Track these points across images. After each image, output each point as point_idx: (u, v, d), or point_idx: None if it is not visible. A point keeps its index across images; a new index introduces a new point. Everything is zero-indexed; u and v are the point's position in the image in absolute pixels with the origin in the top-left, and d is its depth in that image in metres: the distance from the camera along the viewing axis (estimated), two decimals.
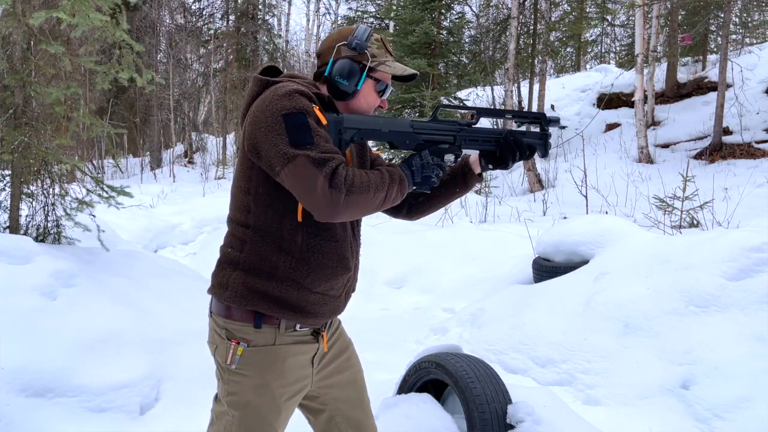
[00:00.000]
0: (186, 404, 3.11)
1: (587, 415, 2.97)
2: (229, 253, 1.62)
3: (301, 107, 1.47)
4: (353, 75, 1.62)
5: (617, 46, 27.15)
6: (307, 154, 1.42)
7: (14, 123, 4.01)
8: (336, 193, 1.42)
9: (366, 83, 1.66)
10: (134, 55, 4.23)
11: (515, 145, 1.72)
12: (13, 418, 2.68)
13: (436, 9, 14.57)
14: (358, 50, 1.62)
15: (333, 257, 1.60)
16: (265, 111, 1.48)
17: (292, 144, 1.43)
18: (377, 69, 1.65)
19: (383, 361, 3.79)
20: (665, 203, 6.52)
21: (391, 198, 1.56)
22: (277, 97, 1.48)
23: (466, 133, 1.73)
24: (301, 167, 1.42)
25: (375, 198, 1.50)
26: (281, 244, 1.56)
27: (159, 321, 3.53)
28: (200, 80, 21.20)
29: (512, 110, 1.83)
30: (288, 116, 1.45)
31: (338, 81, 1.62)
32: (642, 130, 12.07)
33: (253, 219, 1.57)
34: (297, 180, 1.43)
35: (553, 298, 4.10)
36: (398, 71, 1.66)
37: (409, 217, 1.89)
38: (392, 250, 6.23)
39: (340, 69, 1.62)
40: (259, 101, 1.53)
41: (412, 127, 1.68)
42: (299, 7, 55.26)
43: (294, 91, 1.49)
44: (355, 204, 1.46)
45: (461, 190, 1.83)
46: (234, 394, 1.60)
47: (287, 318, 1.58)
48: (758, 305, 3.24)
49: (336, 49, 1.64)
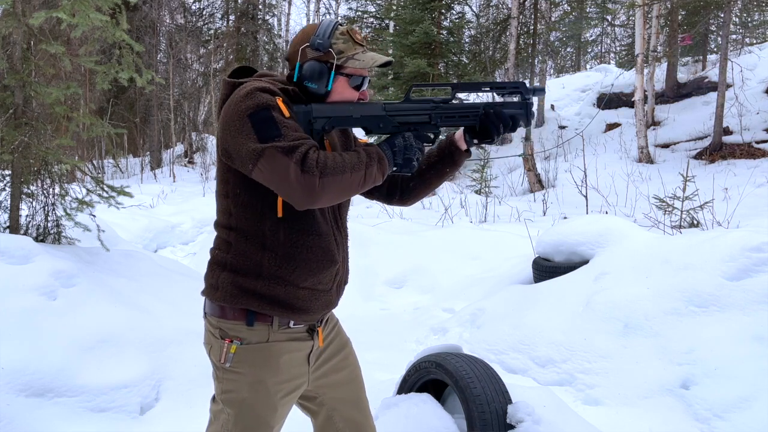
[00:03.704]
0: (186, 404, 3.11)
1: (587, 415, 2.97)
2: (217, 254, 1.63)
3: (263, 103, 1.46)
4: (321, 76, 1.58)
5: (617, 46, 27.16)
6: (275, 145, 1.41)
7: (14, 123, 4.01)
8: (309, 177, 1.40)
9: (337, 81, 1.61)
10: (134, 55, 4.23)
11: (496, 118, 1.66)
12: (13, 418, 2.68)
13: (436, 9, 14.58)
14: (322, 49, 1.58)
15: (317, 251, 1.60)
16: (232, 115, 1.48)
17: (260, 140, 1.43)
18: (346, 65, 1.60)
19: (383, 361, 3.79)
20: (665, 203, 6.51)
21: (372, 177, 1.53)
22: (240, 99, 1.48)
23: (441, 111, 1.67)
24: (272, 159, 1.41)
25: (352, 178, 1.47)
26: (264, 243, 1.56)
27: (159, 321, 3.53)
28: (200, 80, 21.21)
29: (489, 82, 1.75)
30: (252, 114, 1.45)
31: (307, 85, 1.60)
32: (642, 130, 12.07)
33: (235, 221, 1.58)
34: (270, 172, 1.43)
35: (553, 298, 4.10)
36: (368, 63, 1.61)
37: (402, 202, 1.87)
38: (392, 250, 6.23)
39: (307, 72, 1.59)
40: (226, 105, 1.53)
41: (384, 109, 1.65)
42: (299, 7, 55.31)
43: (254, 89, 1.49)
44: (331, 186, 1.43)
45: (451, 169, 1.79)
46: (229, 392, 1.60)
47: (279, 315, 1.58)
48: (758, 305, 3.23)
49: (301, 52, 1.60)
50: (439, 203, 9.59)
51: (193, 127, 20.96)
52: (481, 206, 9.53)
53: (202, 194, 11.95)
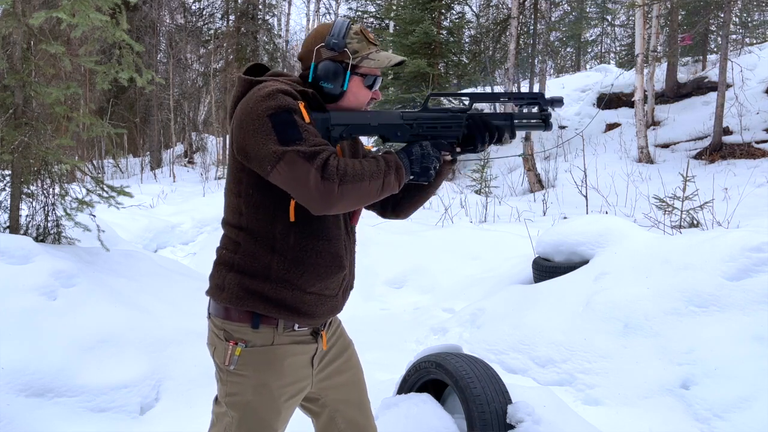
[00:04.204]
0: (186, 404, 3.11)
1: (587, 415, 2.97)
2: (224, 254, 1.62)
3: (286, 105, 1.45)
4: (337, 76, 1.58)
5: (617, 46, 27.16)
6: (296, 149, 1.41)
7: (14, 123, 4.01)
8: (329, 184, 1.40)
9: (352, 81, 1.61)
10: (134, 55, 4.23)
11: (483, 127, 1.63)
12: (13, 418, 2.68)
13: (436, 9, 14.58)
14: (337, 49, 1.57)
15: (326, 256, 1.59)
16: (251, 113, 1.46)
17: (281, 142, 1.42)
18: (361, 65, 1.60)
19: (383, 361, 3.79)
20: (665, 203, 6.51)
21: (390, 186, 1.52)
22: (261, 98, 1.46)
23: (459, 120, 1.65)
24: (292, 162, 1.41)
25: (371, 186, 1.47)
26: (274, 245, 1.55)
27: (159, 321, 3.53)
28: (200, 80, 21.21)
29: (508, 92, 1.76)
30: (273, 116, 1.44)
31: (323, 85, 1.59)
32: (642, 130, 12.07)
33: (246, 221, 1.56)
34: (289, 176, 1.42)
35: (553, 298, 4.10)
36: (383, 63, 1.61)
37: (395, 215, 1.84)
38: (392, 250, 6.23)
39: (322, 72, 1.58)
40: (243, 103, 1.51)
41: (402, 118, 1.65)
42: (299, 7, 55.35)
43: (277, 90, 1.47)
44: (349, 193, 1.43)
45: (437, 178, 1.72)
46: (233, 395, 1.59)
47: (284, 318, 1.58)
48: (758, 305, 3.23)
49: (315, 52, 1.60)
50: (439, 203, 9.59)
51: (193, 127, 20.97)
52: (481, 206, 9.53)
53: (202, 194, 11.95)
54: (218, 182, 14.79)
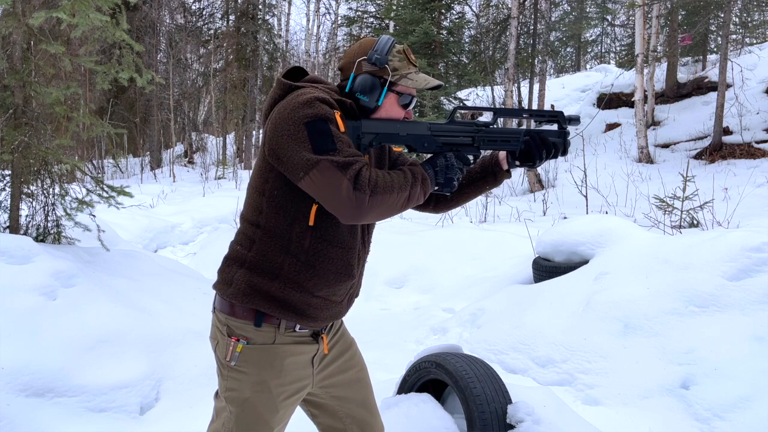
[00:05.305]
0: (186, 404, 3.11)
1: (587, 415, 2.98)
2: (237, 250, 1.64)
3: (323, 114, 1.48)
4: (374, 90, 1.62)
5: (617, 46, 27.16)
6: (330, 159, 1.45)
7: (14, 123, 4.01)
8: (361, 195, 1.44)
9: (388, 97, 1.66)
10: (134, 55, 4.23)
11: (542, 144, 1.74)
12: (13, 418, 2.68)
13: (436, 9, 14.59)
14: (379, 65, 1.62)
15: (338, 263, 1.61)
16: (287, 119, 1.49)
17: (315, 150, 1.45)
18: (398, 83, 1.65)
19: (383, 361, 3.79)
20: (665, 203, 6.51)
21: (415, 197, 1.58)
22: (299, 105, 1.49)
23: (484, 134, 1.75)
24: (325, 171, 1.44)
25: (399, 198, 1.52)
26: (288, 247, 1.57)
27: (159, 321, 3.53)
28: (200, 80, 21.22)
29: (530, 109, 1.87)
30: (310, 124, 1.47)
31: (359, 97, 1.63)
32: (642, 130, 12.07)
33: (265, 219, 1.58)
34: (321, 185, 1.45)
35: (553, 298, 4.10)
36: (420, 84, 1.66)
37: (435, 210, 1.93)
38: (392, 250, 6.23)
39: (360, 85, 1.62)
40: (280, 107, 1.53)
41: (429, 129, 1.70)
42: (299, 7, 55.39)
43: (315, 98, 1.50)
44: (379, 204, 1.48)
45: (491, 185, 1.88)
46: (232, 390, 1.62)
47: (287, 318, 1.60)
48: (758, 305, 3.23)
49: (357, 65, 1.64)
50: None
51: (193, 127, 20.98)
52: (481, 206, 9.53)
53: (202, 194, 11.95)
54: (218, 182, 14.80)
